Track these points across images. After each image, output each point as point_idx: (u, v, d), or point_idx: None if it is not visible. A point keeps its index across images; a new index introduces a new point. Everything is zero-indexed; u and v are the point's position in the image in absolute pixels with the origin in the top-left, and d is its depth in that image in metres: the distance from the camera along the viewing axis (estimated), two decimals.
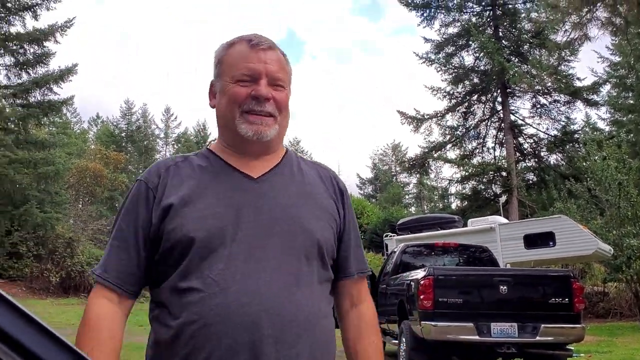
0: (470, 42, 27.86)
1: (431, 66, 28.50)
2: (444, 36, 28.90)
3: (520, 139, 28.81)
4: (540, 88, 26.97)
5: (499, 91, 28.14)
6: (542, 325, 6.91)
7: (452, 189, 32.34)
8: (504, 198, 25.09)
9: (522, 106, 29.02)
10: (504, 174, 26.97)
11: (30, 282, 19.25)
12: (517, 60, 27.20)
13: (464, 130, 29.29)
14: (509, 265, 12.29)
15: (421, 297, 6.96)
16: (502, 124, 27.90)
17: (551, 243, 12.62)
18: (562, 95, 27.27)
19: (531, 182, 28.76)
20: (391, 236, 15.67)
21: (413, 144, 72.45)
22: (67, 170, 23.56)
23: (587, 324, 8.57)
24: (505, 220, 15.40)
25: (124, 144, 51.72)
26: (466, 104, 29.13)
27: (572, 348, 7.37)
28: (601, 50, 30.88)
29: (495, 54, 24.99)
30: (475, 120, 29.26)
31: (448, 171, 66.33)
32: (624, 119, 29.82)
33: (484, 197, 28.42)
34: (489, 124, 29.20)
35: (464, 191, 30.02)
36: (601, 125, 32.02)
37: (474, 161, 29.01)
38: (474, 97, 29.13)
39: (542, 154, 28.67)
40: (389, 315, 8.58)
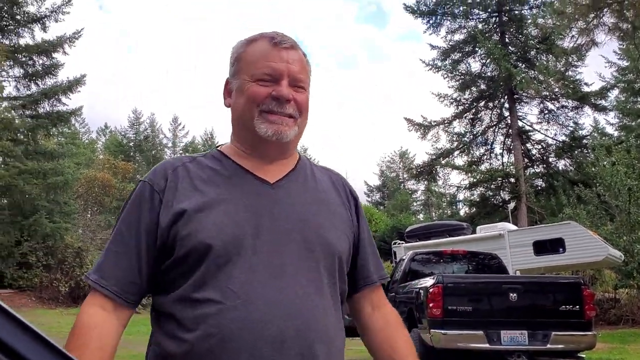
0: (477, 49, 27.85)
1: (438, 73, 28.52)
2: (450, 43, 28.92)
3: (528, 145, 28.72)
4: (547, 94, 26.89)
5: (506, 97, 28.09)
6: (553, 333, 6.86)
7: (460, 196, 32.30)
8: (512, 204, 25.02)
9: (530, 112, 28.91)
10: (512, 180, 26.86)
11: (40, 292, 19.33)
12: (524, 66, 27.15)
13: (471, 136, 29.23)
14: (518, 273, 12.21)
15: (430, 305, 6.92)
16: (510, 130, 27.82)
17: (561, 249, 12.52)
18: (569, 101, 27.18)
19: (540, 188, 28.62)
20: (399, 244, 15.61)
21: (420, 150, 72.47)
22: (75, 180, 23.68)
23: (598, 331, 8.49)
24: (514, 227, 15.31)
25: (132, 154, 51.99)
26: (473, 111, 29.08)
27: (584, 356, 7.29)
28: (609, 55, 30.77)
29: (502, 60, 24.96)
30: (483, 127, 29.21)
31: (456, 178, 66.17)
32: (633, 123, 29.69)
33: (492, 204, 28.32)
34: (496, 130, 29.13)
35: (472, 198, 29.94)
36: (610, 130, 31.92)
37: (482, 168, 28.93)
38: (481, 104, 29.08)
39: (550, 159, 28.55)
40: None
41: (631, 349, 11.12)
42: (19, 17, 21.33)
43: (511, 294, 7.04)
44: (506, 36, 28.31)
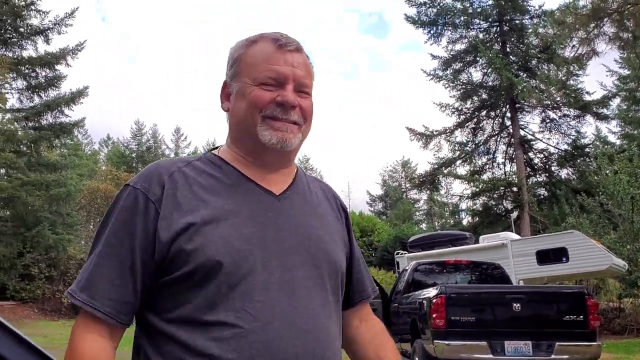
0: (478, 58, 27.89)
1: (439, 82, 28.57)
2: (451, 53, 28.99)
3: (530, 154, 28.69)
4: (549, 103, 26.89)
5: (507, 106, 28.09)
6: (557, 344, 6.82)
7: (463, 205, 32.25)
8: (515, 214, 24.95)
9: (532, 121, 28.93)
10: (514, 189, 26.80)
11: (42, 304, 19.31)
12: (525, 75, 27.18)
13: (473, 146, 29.22)
14: (521, 282, 12.17)
15: (433, 315, 6.89)
16: (512, 139, 27.81)
17: (564, 259, 12.49)
18: (571, 110, 27.18)
19: (542, 197, 28.56)
20: (402, 254, 15.60)
21: (423, 160, 72.21)
22: (78, 192, 23.72)
23: (603, 341, 8.44)
24: (517, 237, 15.29)
25: (134, 165, 52.00)
26: (475, 120, 29.09)
27: None
28: (610, 64, 30.88)
29: (503, 70, 25.00)
30: (485, 136, 29.21)
31: (458, 187, 66.23)
32: (635, 132, 29.69)
33: (495, 213, 28.25)
34: (498, 139, 29.13)
35: (474, 207, 29.88)
36: (612, 138, 31.91)
37: (484, 177, 28.89)
38: (483, 113, 29.09)
39: (552, 168, 28.52)
40: (401, 335, 8.49)
41: (636, 359, 11.04)
42: (22, 29, 21.49)
43: (514, 304, 7.01)
44: (507, 46, 28.37)
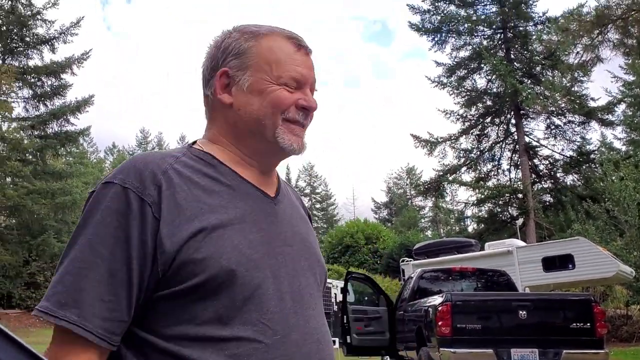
0: (482, 65, 27.93)
1: (443, 89, 28.60)
2: (455, 60, 29.02)
3: (535, 161, 28.64)
4: (554, 109, 26.87)
5: (512, 113, 28.08)
6: (564, 351, 6.78)
7: (468, 212, 32.10)
8: (520, 220, 24.88)
9: (537, 127, 28.80)
10: (520, 196, 26.73)
11: None
12: (529, 82, 27.17)
13: (478, 152, 29.19)
14: (527, 290, 12.11)
15: (439, 323, 6.86)
16: (517, 146, 27.77)
17: (570, 266, 12.43)
18: (576, 116, 27.13)
19: (548, 203, 28.47)
20: (408, 261, 15.53)
21: (427, 167, 72.24)
22: (83, 200, 23.71)
23: (610, 349, 8.38)
24: (522, 243, 15.22)
25: None
26: (480, 127, 29.07)
27: None
28: (614, 70, 30.77)
29: (508, 76, 25.00)
30: (490, 143, 29.17)
31: (464, 194, 65.92)
32: None
33: (500, 220, 28.17)
34: (503, 146, 29.09)
35: (480, 214, 29.79)
36: (617, 145, 31.75)
37: (490, 184, 28.83)
38: (488, 120, 29.09)
39: (558, 175, 28.43)
40: (407, 342, 8.47)
41: None
42: (28, 39, 21.68)
43: (521, 312, 6.98)
44: (511, 52, 28.39)
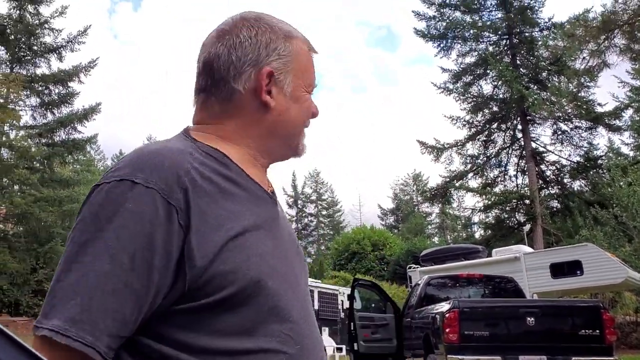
0: (488, 71, 27.93)
1: (450, 95, 28.60)
2: (461, 66, 29.06)
3: (542, 166, 28.56)
4: (560, 115, 26.81)
5: (518, 119, 28.05)
6: (573, 358, 6.74)
7: (475, 218, 32.08)
8: (528, 226, 24.78)
9: (543, 133, 28.78)
10: (527, 202, 26.65)
11: None
12: (536, 87, 27.14)
13: (485, 158, 29.16)
14: (535, 296, 12.05)
15: (447, 330, 6.83)
16: (524, 152, 27.72)
17: (578, 272, 12.36)
18: (583, 121, 27.07)
19: (555, 209, 28.37)
20: (414, 268, 15.49)
21: (434, 173, 72.12)
22: None
23: (619, 356, 8.31)
24: (530, 250, 15.16)
25: None
26: (486, 133, 29.06)
27: None
28: (621, 75, 30.70)
29: (514, 82, 24.98)
30: (496, 149, 29.15)
31: (470, 200, 65.79)
32: None
33: (507, 226, 28.07)
34: (510, 151, 29.05)
35: (487, 220, 29.72)
36: (625, 150, 31.59)
37: (497, 190, 28.78)
38: (494, 126, 29.06)
39: (565, 180, 28.34)
40: (414, 349, 8.43)
41: None
42: (35, 47, 21.86)
43: (529, 318, 6.94)
44: (517, 58, 28.38)
